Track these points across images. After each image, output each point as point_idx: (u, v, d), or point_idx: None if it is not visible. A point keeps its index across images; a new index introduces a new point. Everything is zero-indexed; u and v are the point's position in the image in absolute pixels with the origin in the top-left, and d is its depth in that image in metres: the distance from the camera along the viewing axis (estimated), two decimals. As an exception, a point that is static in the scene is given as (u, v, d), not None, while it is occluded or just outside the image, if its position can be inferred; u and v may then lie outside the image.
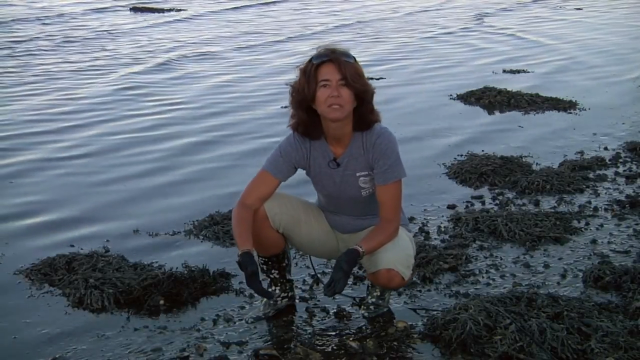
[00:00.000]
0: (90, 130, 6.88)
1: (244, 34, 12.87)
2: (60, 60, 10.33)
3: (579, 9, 16.68)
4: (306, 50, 9.39)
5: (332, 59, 3.11)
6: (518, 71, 9.63)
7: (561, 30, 13.18)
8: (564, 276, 3.92)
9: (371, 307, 3.51)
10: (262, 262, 3.51)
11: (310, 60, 3.16)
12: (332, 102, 3.10)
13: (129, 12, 15.38)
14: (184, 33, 12.82)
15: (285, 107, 3.32)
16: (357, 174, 3.28)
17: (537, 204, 4.96)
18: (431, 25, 13.89)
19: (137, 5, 16.27)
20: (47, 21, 13.51)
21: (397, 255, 3.24)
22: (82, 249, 4.25)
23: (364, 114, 3.20)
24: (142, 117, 7.37)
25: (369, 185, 3.31)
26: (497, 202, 5.03)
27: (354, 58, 3.17)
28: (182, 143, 6.52)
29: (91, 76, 9.32)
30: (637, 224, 4.61)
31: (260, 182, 3.31)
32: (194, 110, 7.65)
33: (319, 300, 3.68)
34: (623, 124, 7.07)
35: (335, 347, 3.25)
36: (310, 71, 3.13)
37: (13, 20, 13.28)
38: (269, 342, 3.31)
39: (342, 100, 3.11)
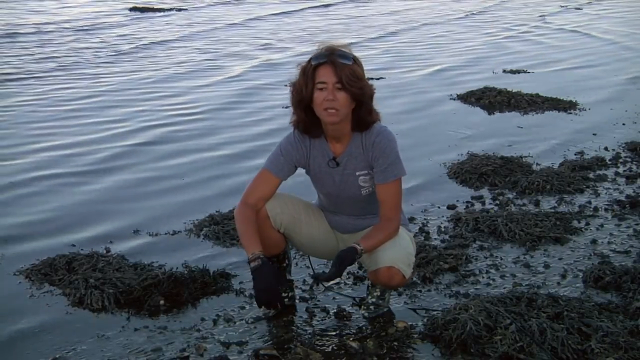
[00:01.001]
0: (90, 134, 6.89)
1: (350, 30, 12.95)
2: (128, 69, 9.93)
3: (579, 9, 16.72)
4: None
5: (329, 60, 3.09)
6: (518, 71, 9.63)
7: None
8: (564, 276, 3.92)
9: (371, 307, 3.51)
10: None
11: (309, 60, 3.15)
12: (327, 105, 3.10)
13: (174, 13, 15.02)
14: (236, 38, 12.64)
15: (287, 107, 3.31)
16: (357, 173, 3.28)
17: (537, 204, 4.96)
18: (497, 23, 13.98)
19: (138, 5, 16.29)
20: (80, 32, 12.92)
21: (398, 253, 3.24)
22: (82, 249, 4.25)
23: (362, 115, 3.19)
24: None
25: (369, 185, 3.31)
26: (497, 202, 5.03)
27: (354, 58, 3.14)
28: (184, 144, 6.53)
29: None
30: (637, 224, 4.61)
31: (262, 181, 3.31)
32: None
33: (319, 300, 3.68)
34: (623, 124, 7.07)
35: (335, 347, 3.25)
36: (308, 72, 3.12)
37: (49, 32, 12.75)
38: (269, 342, 3.31)
39: (338, 104, 3.10)
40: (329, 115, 3.11)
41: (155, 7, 16.31)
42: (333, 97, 3.08)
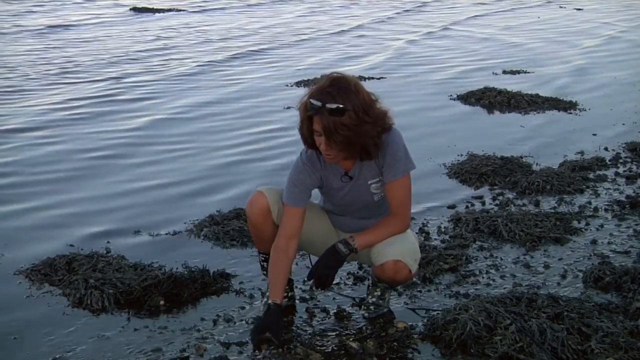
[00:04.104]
0: (89, 127, 6.90)
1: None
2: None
3: (579, 9, 16.73)
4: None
5: (318, 112, 3.00)
6: (518, 72, 9.64)
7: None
8: (564, 276, 3.92)
9: (371, 307, 3.51)
10: (263, 258, 3.52)
11: (306, 103, 3.04)
12: (323, 152, 3.11)
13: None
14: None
15: (288, 107, 3.30)
16: (369, 182, 3.27)
17: (537, 204, 4.96)
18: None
19: (138, 5, 16.29)
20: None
21: (405, 247, 3.24)
22: (82, 249, 4.25)
23: (365, 149, 3.12)
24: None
25: (381, 190, 3.30)
26: (497, 202, 5.03)
27: (353, 98, 2.99)
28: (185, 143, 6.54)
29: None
30: (637, 225, 4.61)
31: (287, 217, 3.29)
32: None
33: (319, 301, 3.68)
34: (623, 124, 7.07)
35: (335, 348, 3.25)
36: (303, 117, 3.10)
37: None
38: (269, 343, 3.31)
39: (332, 151, 3.09)
40: (327, 158, 3.14)
41: (155, 7, 16.28)
42: (325, 148, 3.07)
